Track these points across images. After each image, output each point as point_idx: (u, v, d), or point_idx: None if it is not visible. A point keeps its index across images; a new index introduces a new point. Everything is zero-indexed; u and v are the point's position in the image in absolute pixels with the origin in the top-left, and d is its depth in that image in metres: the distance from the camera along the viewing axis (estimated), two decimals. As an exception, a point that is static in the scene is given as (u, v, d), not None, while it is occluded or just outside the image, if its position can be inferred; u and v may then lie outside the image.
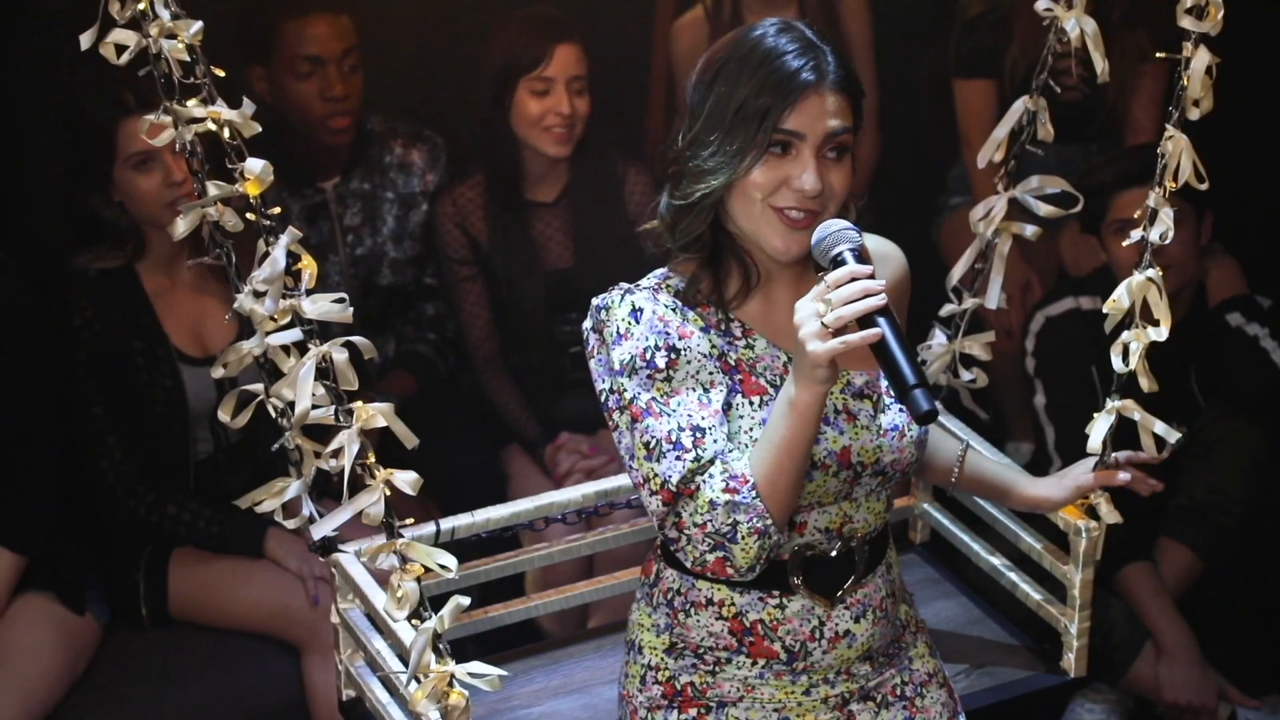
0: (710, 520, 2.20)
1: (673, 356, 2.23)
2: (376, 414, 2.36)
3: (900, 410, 2.33)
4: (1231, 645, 3.77)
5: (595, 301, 2.31)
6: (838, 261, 2.17)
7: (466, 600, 2.36)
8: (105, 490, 3.50)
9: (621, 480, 2.90)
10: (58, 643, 3.39)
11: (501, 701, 2.77)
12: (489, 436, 4.04)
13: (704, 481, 2.20)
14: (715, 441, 2.21)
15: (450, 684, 2.33)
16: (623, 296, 2.28)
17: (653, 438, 2.22)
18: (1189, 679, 3.64)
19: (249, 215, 2.37)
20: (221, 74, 2.29)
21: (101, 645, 3.52)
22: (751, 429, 2.26)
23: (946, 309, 2.98)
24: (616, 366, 2.25)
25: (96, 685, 3.45)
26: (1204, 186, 2.72)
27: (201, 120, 2.30)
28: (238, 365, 2.46)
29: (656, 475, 2.21)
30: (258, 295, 2.34)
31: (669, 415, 2.21)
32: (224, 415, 2.49)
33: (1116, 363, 2.71)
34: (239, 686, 3.50)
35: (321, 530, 2.43)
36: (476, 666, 2.34)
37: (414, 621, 2.39)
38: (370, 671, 2.64)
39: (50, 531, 3.42)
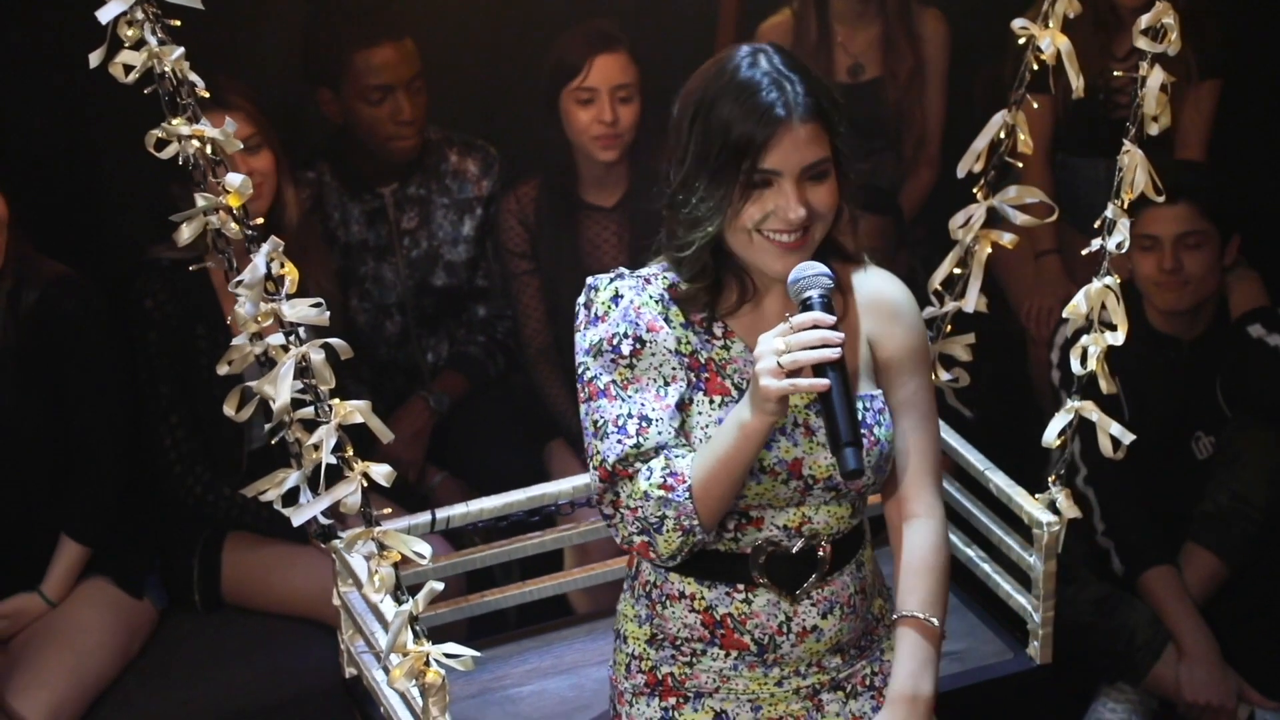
0: (641, 507, 2.32)
1: (638, 346, 2.34)
2: (354, 410, 2.50)
3: (862, 435, 2.36)
4: (1252, 648, 3.79)
5: (589, 280, 2.42)
6: (806, 305, 2.27)
7: (440, 585, 2.50)
8: (165, 469, 3.69)
9: None
10: (114, 624, 3.58)
11: (494, 680, 2.94)
12: (533, 434, 4.18)
13: (643, 470, 2.31)
14: (660, 434, 2.32)
15: (427, 663, 2.48)
16: (610, 280, 2.40)
17: (601, 417, 2.34)
18: (1209, 680, 3.68)
19: (244, 221, 2.49)
20: (206, 94, 2.42)
21: (156, 628, 3.69)
22: (707, 426, 2.36)
23: (928, 311, 3.07)
24: (586, 345, 2.37)
25: (149, 665, 3.62)
26: (1160, 199, 2.82)
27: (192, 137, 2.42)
28: (241, 363, 2.61)
29: (598, 452, 2.34)
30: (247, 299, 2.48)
31: (622, 400, 2.33)
32: (229, 409, 2.65)
33: (1075, 365, 2.82)
34: (284, 668, 3.66)
35: (299, 518, 2.57)
36: (451, 647, 2.49)
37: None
38: (367, 650, 2.82)
39: (114, 524, 3.62)
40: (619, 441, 2.32)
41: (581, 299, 2.42)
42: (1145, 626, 3.76)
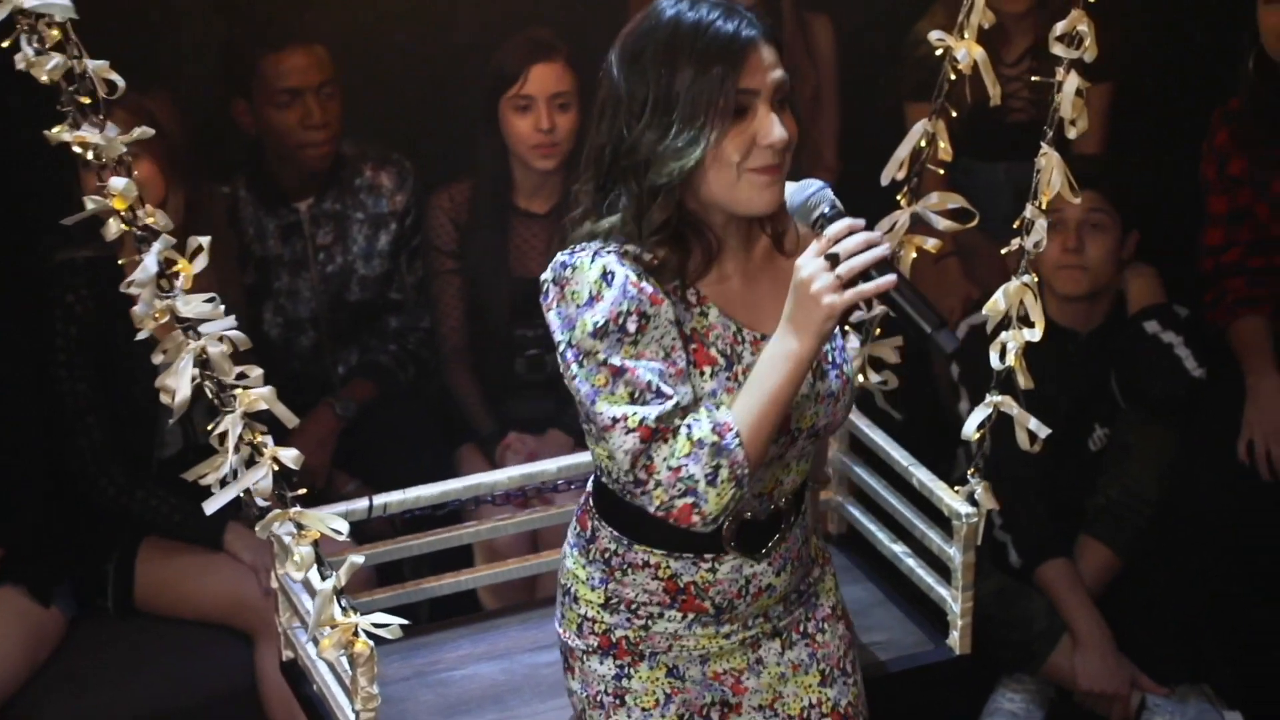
0: (689, 463, 2.23)
1: (643, 322, 2.27)
2: (259, 398, 2.55)
3: (836, 376, 2.42)
4: (1144, 637, 3.92)
5: (561, 257, 2.33)
6: (822, 217, 2.27)
7: (360, 559, 2.58)
8: (79, 469, 3.70)
9: (545, 465, 3.12)
10: (21, 635, 3.60)
11: (426, 665, 2.99)
12: (445, 438, 4.24)
13: (690, 424, 2.24)
14: (687, 393, 2.27)
15: (355, 634, 2.54)
16: (593, 257, 2.30)
17: (634, 383, 2.24)
18: (1103, 668, 3.81)
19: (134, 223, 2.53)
20: (87, 100, 2.43)
21: (67, 636, 3.71)
22: (701, 398, 2.31)
23: (856, 315, 3.14)
24: (589, 328, 2.26)
25: (59, 673, 3.64)
26: (1076, 200, 2.94)
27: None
28: (176, 351, 2.63)
29: (636, 414, 2.23)
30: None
31: (643, 367, 2.25)
32: (166, 400, 2.66)
33: (994, 361, 2.93)
34: (195, 674, 3.70)
35: (211, 506, 2.62)
36: (379, 617, 2.55)
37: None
38: (303, 631, 2.87)
39: (28, 527, 3.63)
40: (659, 401, 2.25)
41: (548, 275, 2.33)
42: (1042, 617, 3.87)
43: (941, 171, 3.08)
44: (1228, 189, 4.04)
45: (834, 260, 2.20)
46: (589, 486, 2.55)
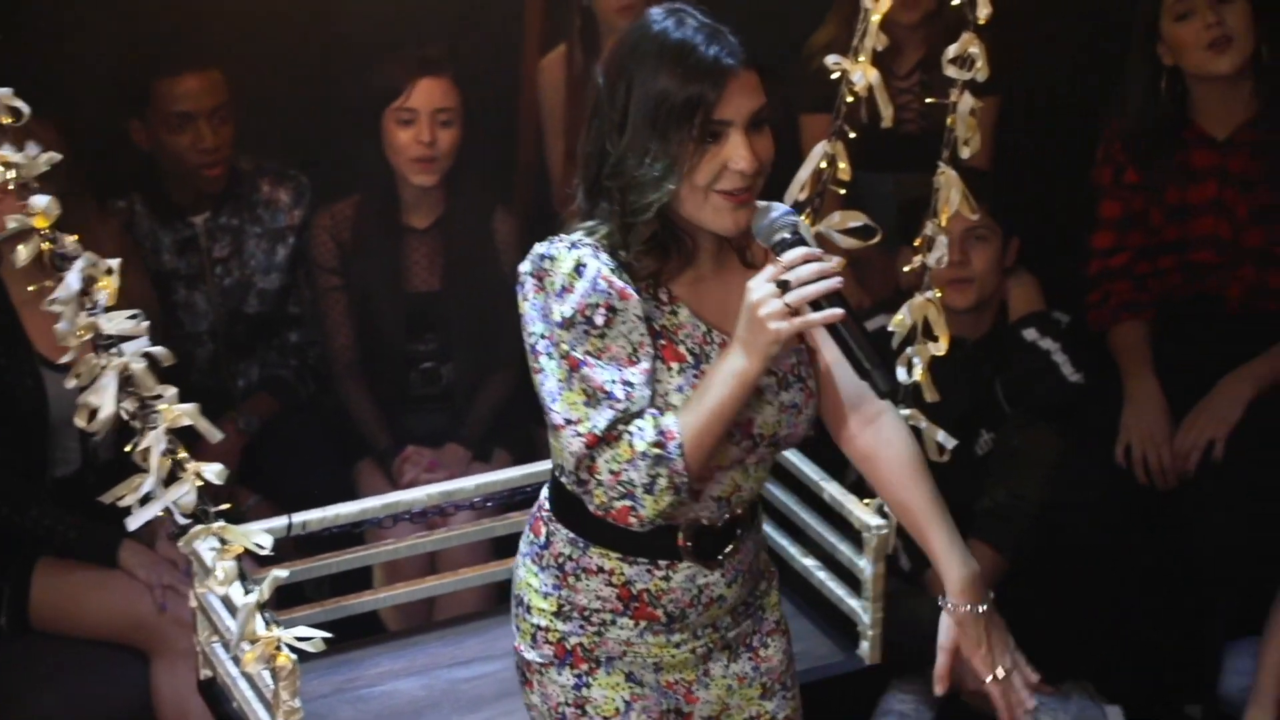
0: (628, 469, 2.29)
1: (610, 315, 2.31)
2: (182, 414, 2.58)
3: (800, 389, 2.45)
4: (1030, 636, 4.03)
5: (539, 248, 2.37)
6: (783, 243, 2.31)
7: (285, 573, 2.62)
8: None
9: (463, 483, 3.15)
10: None
11: (346, 682, 3.02)
12: (342, 453, 4.27)
13: (632, 432, 2.29)
14: (643, 397, 2.31)
15: (278, 649, 2.56)
16: (570, 248, 2.34)
17: (589, 385, 2.30)
18: None
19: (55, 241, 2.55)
20: (8, 121, 2.48)
21: None
22: (667, 394, 2.35)
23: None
24: (557, 319, 2.31)
25: None
26: (975, 217, 3.04)
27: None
28: (89, 375, 2.63)
29: (587, 418, 2.30)
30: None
31: (602, 367, 2.30)
32: (80, 421, 2.65)
33: (901, 375, 3.01)
34: (89, 692, 3.68)
35: (134, 523, 2.63)
36: (301, 630, 2.58)
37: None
38: (224, 650, 2.87)
39: None
40: (610, 407, 2.30)
41: (526, 266, 2.37)
42: (930, 618, 3.94)
43: (842, 191, 3.15)
44: (1122, 194, 4.14)
45: (784, 286, 2.25)
46: (544, 492, 2.56)
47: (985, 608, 2.59)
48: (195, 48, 4.10)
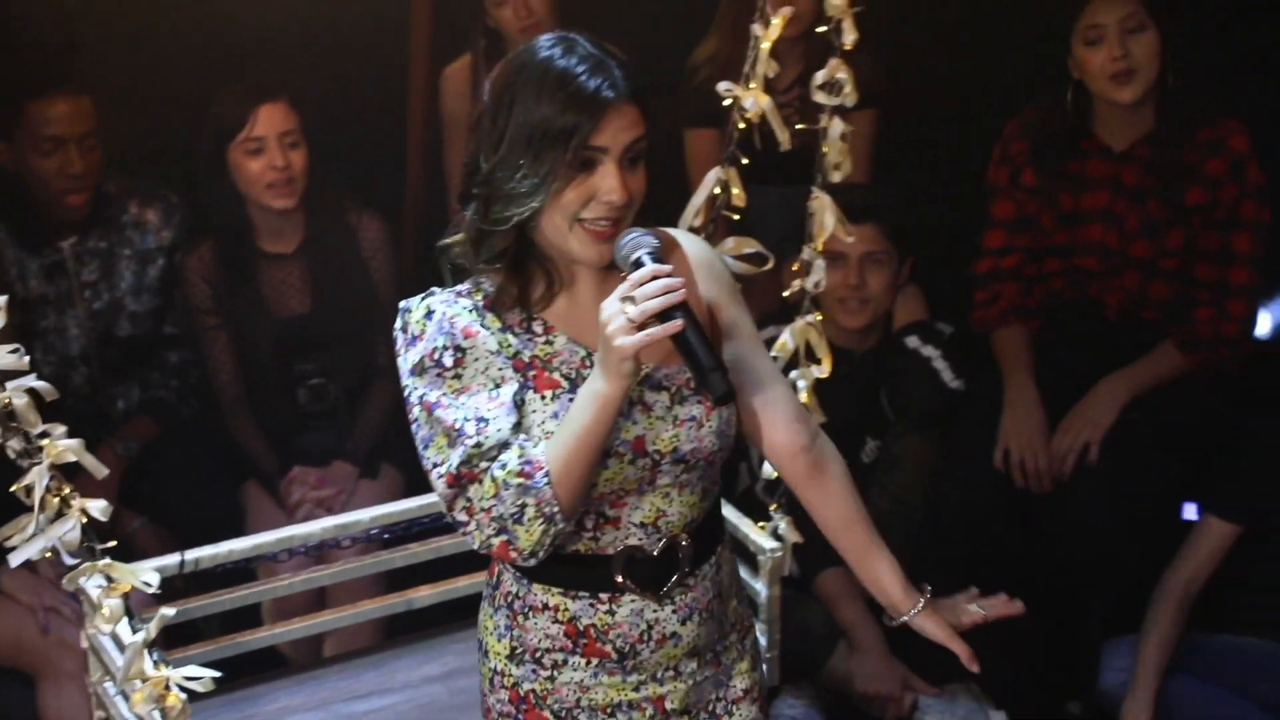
0: (497, 504, 2.29)
1: (459, 355, 2.33)
2: (66, 450, 2.55)
3: (699, 402, 2.41)
4: (914, 640, 4.09)
5: (401, 305, 2.40)
6: (638, 264, 2.30)
7: (172, 611, 2.60)
8: None
9: (358, 515, 3.14)
10: None
11: (243, 718, 3.01)
12: (229, 474, 4.25)
13: (496, 465, 2.29)
14: (499, 430, 2.30)
15: (167, 688, 2.54)
16: (422, 299, 2.38)
17: (436, 429, 2.32)
18: (878, 671, 3.96)
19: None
20: None
21: None
22: (544, 422, 2.35)
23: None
24: (409, 366, 2.35)
25: None
26: (851, 239, 3.09)
27: None
28: None
29: (443, 462, 2.32)
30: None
31: (456, 408, 2.31)
32: None
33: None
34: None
35: (17, 559, 2.59)
36: (191, 670, 2.55)
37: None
38: (115, 688, 2.83)
39: None
40: (460, 444, 2.31)
41: (397, 324, 2.40)
42: (820, 625, 4.01)
43: (736, 217, 3.18)
44: (1016, 196, 4.22)
45: (632, 304, 2.26)
46: None
47: (922, 601, 2.74)
48: (67, 71, 4.06)
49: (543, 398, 2.37)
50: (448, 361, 2.33)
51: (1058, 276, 4.22)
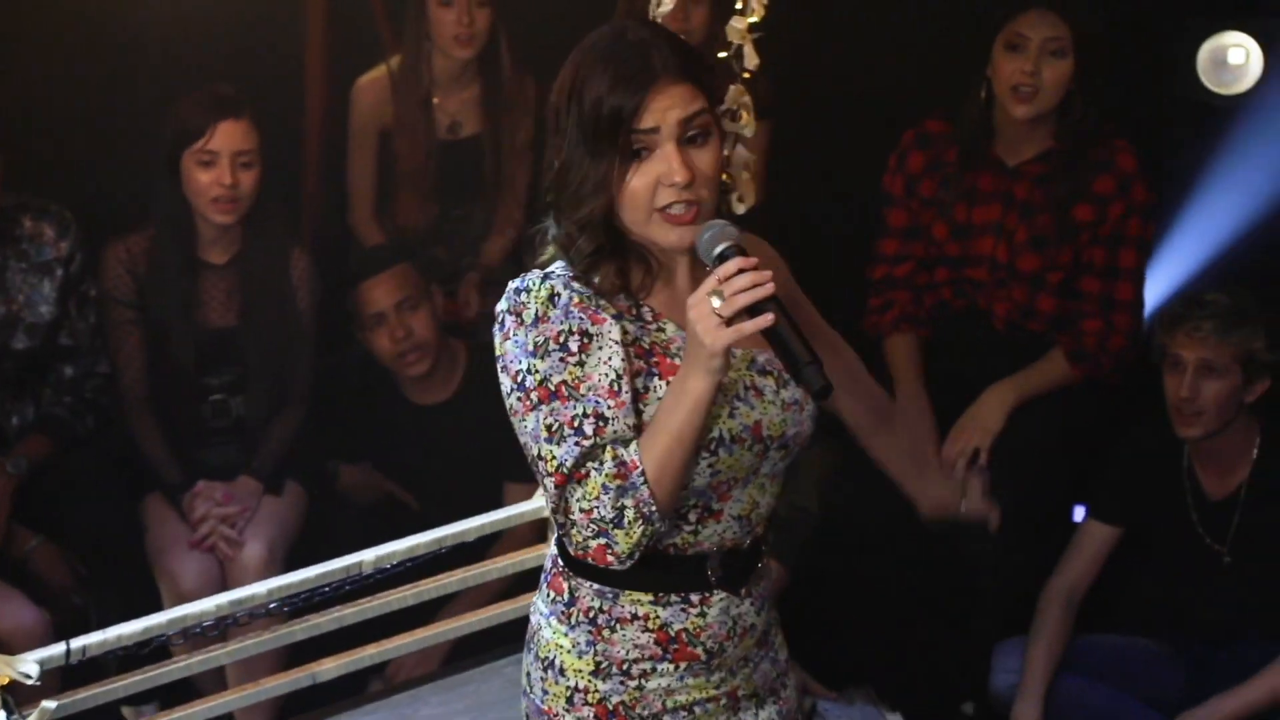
0: (597, 506, 2.25)
1: (585, 341, 2.28)
2: None
3: (797, 386, 2.36)
4: (812, 644, 4.17)
5: (513, 284, 2.34)
6: (723, 257, 2.24)
7: (54, 704, 2.53)
8: None
9: (256, 589, 3.12)
10: None
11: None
12: (131, 487, 4.23)
13: (595, 467, 2.25)
14: (615, 431, 2.26)
15: None
16: (542, 280, 2.32)
17: (556, 420, 2.26)
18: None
19: None
20: None
21: None
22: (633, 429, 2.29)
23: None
24: (531, 348, 2.29)
25: None
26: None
27: None
28: None
29: (554, 457, 2.26)
30: None
31: (577, 400, 2.26)
32: None
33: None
34: None
35: None
36: None
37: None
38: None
39: None
40: (576, 444, 2.26)
41: (504, 305, 2.35)
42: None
43: None
44: (910, 205, 4.27)
45: (720, 298, 2.22)
46: (553, 549, 2.49)
47: None
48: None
49: (667, 383, 2.33)
50: (573, 346, 2.29)
51: (947, 286, 4.28)
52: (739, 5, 3.10)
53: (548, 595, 2.48)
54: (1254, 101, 4.62)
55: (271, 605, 3.11)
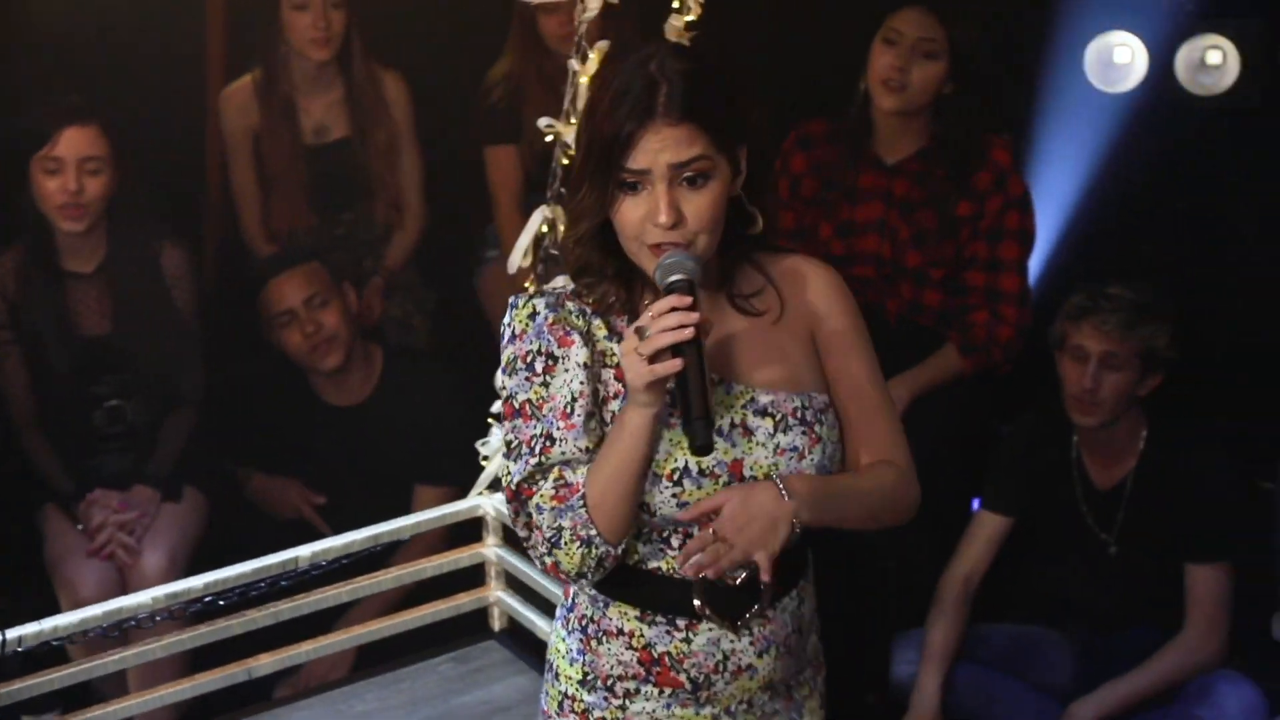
0: (543, 523, 2.28)
1: (549, 363, 2.31)
2: None
3: (804, 433, 2.35)
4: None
5: (510, 299, 2.38)
6: (669, 289, 2.23)
7: None
8: None
9: (193, 582, 3.10)
10: None
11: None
12: (25, 498, 4.19)
13: (540, 485, 2.28)
14: (563, 452, 2.29)
15: None
16: (530, 298, 2.37)
17: (516, 438, 2.31)
18: None
19: None
20: None
21: None
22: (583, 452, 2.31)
23: (497, 405, 3.28)
24: (504, 364, 2.34)
25: None
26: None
27: None
28: None
29: (509, 473, 2.31)
30: None
31: (538, 420, 2.30)
32: None
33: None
34: None
35: None
36: None
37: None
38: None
39: None
40: (527, 462, 2.30)
41: (506, 318, 2.39)
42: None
43: (556, 253, 3.22)
44: (795, 207, 4.32)
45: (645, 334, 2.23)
46: None
47: None
48: None
49: None
50: (538, 367, 2.32)
51: None
52: (675, 4, 3.16)
53: (562, 598, 2.51)
54: (1139, 98, 4.75)
55: (207, 599, 3.09)
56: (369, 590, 3.25)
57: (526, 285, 3.28)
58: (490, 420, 3.35)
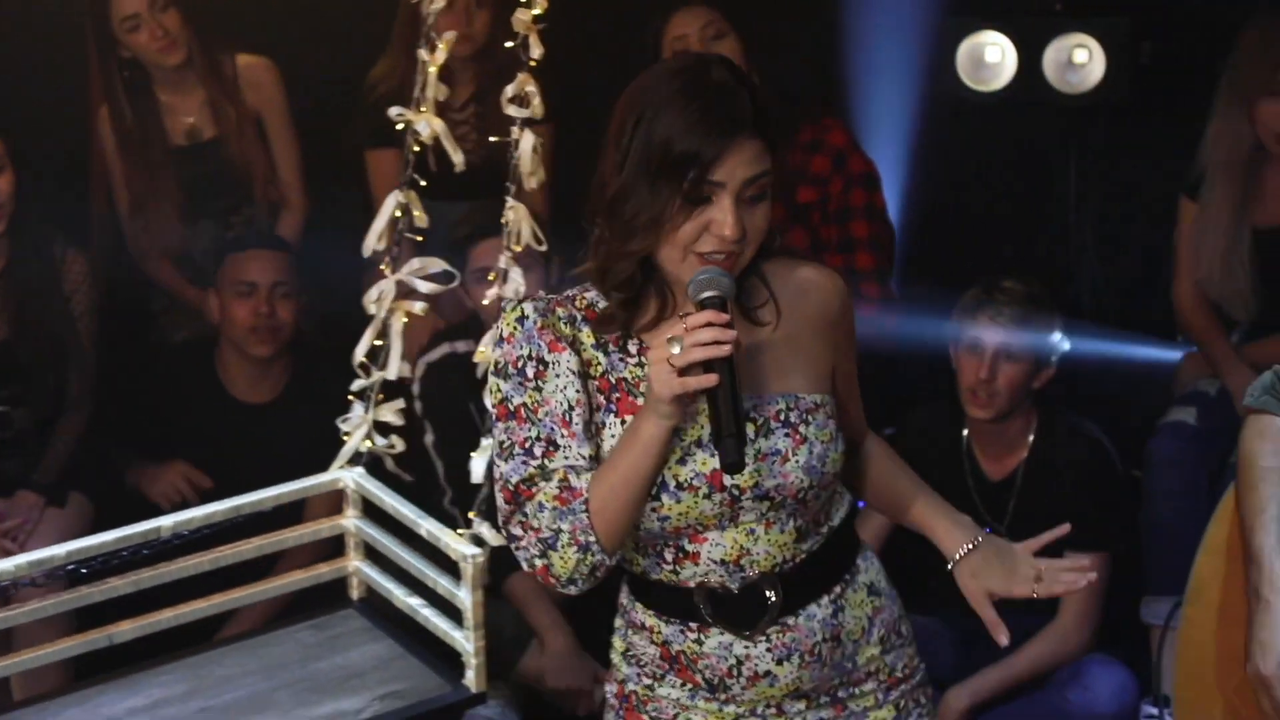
0: (541, 526, 2.25)
1: (540, 368, 2.29)
2: None
3: (787, 435, 2.32)
4: (605, 634, 4.25)
5: (501, 303, 2.42)
6: (703, 305, 2.21)
7: None
8: None
9: (54, 551, 3.07)
10: None
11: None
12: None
13: (542, 486, 2.26)
14: (565, 458, 2.27)
15: None
16: (520, 303, 2.35)
17: (510, 439, 2.28)
18: (568, 666, 4.08)
19: None
20: None
21: None
22: (588, 459, 2.30)
23: (357, 384, 3.31)
24: (493, 367, 2.32)
25: None
26: (543, 248, 3.19)
27: None
28: None
29: (502, 474, 2.28)
30: None
31: (533, 423, 2.28)
32: None
33: (489, 402, 3.14)
34: None
35: None
36: None
37: None
38: None
39: None
40: (524, 463, 2.28)
41: (497, 322, 2.39)
42: (510, 625, 4.10)
43: (420, 239, 3.25)
44: None
45: (679, 346, 2.20)
46: None
47: (980, 538, 2.51)
48: None
49: (623, 422, 2.31)
50: (529, 372, 2.30)
51: None
52: (523, -1, 3.16)
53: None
54: (1009, 98, 4.84)
55: (70, 567, 3.08)
56: (231, 559, 3.25)
57: (382, 268, 3.30)
58: (350, 398, 3.37)
